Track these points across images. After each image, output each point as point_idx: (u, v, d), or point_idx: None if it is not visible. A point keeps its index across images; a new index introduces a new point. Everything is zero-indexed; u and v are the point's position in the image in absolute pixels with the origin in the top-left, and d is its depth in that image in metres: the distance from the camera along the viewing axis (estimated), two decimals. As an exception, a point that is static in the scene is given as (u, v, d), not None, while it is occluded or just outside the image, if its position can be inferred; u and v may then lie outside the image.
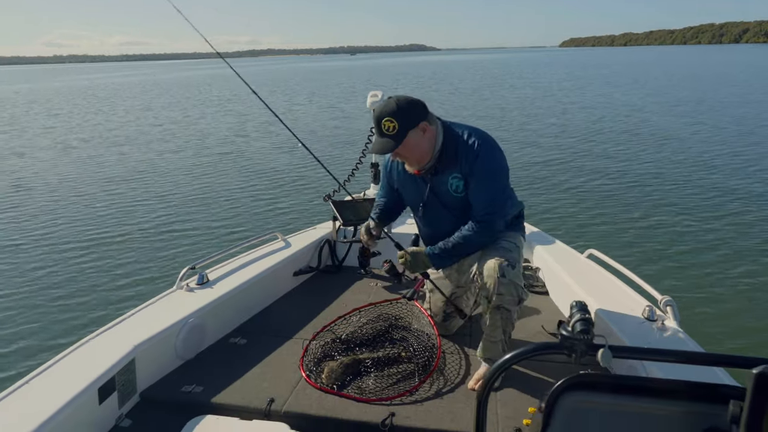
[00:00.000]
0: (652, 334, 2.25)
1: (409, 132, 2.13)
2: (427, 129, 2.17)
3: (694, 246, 6.13)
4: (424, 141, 2.17)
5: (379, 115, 2.14)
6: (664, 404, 1.10)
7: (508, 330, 2.22)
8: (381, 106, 2.17)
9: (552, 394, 1.12)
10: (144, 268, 5.94)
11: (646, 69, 47.25)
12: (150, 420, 2.08)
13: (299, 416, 2.03)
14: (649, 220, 7.08)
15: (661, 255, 5.88)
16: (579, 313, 1.25)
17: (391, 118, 2.12)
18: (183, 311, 2.43)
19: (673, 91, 25.14)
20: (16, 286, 5.64)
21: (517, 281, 2.15)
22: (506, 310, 2.17)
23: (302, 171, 10.81)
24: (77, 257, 6.38)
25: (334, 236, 3.55)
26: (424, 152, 2.20)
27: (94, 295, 5.37)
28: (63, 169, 11.79)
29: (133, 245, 6.73)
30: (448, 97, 24.17)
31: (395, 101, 2.15)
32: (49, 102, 32.54)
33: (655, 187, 8.63)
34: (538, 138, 13.49)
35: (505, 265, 2.13)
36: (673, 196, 8.13)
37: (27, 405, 1.81)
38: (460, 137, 2.21)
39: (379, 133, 2.17)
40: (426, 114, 2.19)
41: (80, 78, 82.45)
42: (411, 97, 2.20)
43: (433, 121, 2.21)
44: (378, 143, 2.17)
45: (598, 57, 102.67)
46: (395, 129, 2.12)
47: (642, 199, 8.05)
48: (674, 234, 6.53)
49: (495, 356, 2.22)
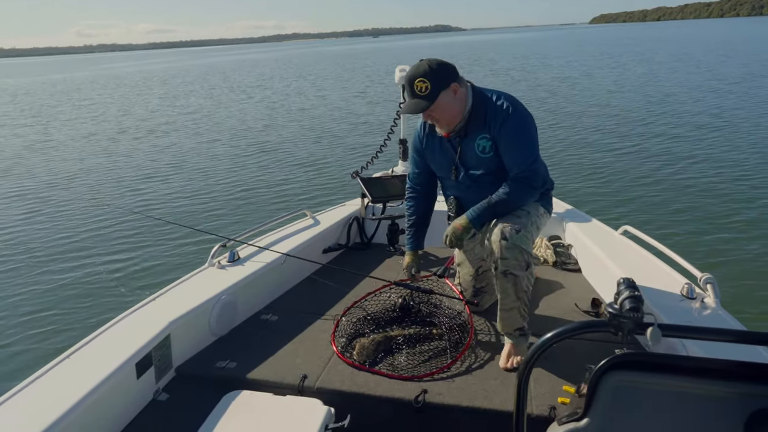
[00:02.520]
0: (692, 313, 2.18)
1: (441, 92, 2.14)
2: (457, 90, 2.18)
3: (734, 222, 5.93)
4: (456, 102, 2.18)
5: (412, 76, 2.15)
6: (712, 384, 1.06)
7: (522, 297, 2.17)
8: (413, 68, 2.18)
9: (596, 372, 1.09)
10: (177, 245, 6.06)
11: (683, 45, 45.73)
12: (186, 394, 2.11)
13: (332, 392, 2.04)
14: (686, 196, 6.88)
15: (699, 232, 5.72)
16: (628, 290, 1.18)
17: (424, 79, 2.12)
18: (216, 288, 2.46)
19: (713, 67, 24.26)
20: (59, 264, 5.82)
21: (523, 245, 2.11)
22: (513, 275, 2.12)
23: (330, 148, 10.89)
24: (114, 237, 6.55)
25: (362, 213, 3.55)
26: (455, 113, 2.20)
27: (129, 273, 5.51)
28: (99, 153, 12.07)
29: (166, 224, 6.87)
30: (483, 81, 23.53)
31: (427, 63, 2.16)
32: (92, 90, 33.31)
33: (692, 163, 8.39)
34: (574, 116, 13.21)
35: (509, 229, 2.10)
36: (712, 171, 7.88)
37: (68, 379, 1.85)
38: (489, 99, 2.22)
39: (411, 94, 2.17)
40: (457, 76, 2.20)
41: (115, 66, 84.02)
42: (441, 60, 2.20)
43: (463, 83, 2.23)
44: (411, 104, 2.18)
45: (632, 32, 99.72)
46: (428, 89, 2.13)
47: (679, 175, 7.83)
48: (712, 210, 6.33)
49: (514, 326, 2.19)
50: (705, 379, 1.06)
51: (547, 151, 9.61)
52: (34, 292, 5.21)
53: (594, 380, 1.09)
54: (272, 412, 1.79)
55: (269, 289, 2.79)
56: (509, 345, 2.21)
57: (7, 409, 1.71)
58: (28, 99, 28.70)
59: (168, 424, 1.96)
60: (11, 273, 5.66)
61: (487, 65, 33.05)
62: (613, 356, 1.09)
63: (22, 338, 4.39)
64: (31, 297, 5.11)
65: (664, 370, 1.08)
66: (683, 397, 1.08)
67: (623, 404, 1.10)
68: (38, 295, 5.16)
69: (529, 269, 2.15)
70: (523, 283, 2.15)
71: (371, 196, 3.34)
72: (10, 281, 5.45)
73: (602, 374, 1.09)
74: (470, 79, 2.30)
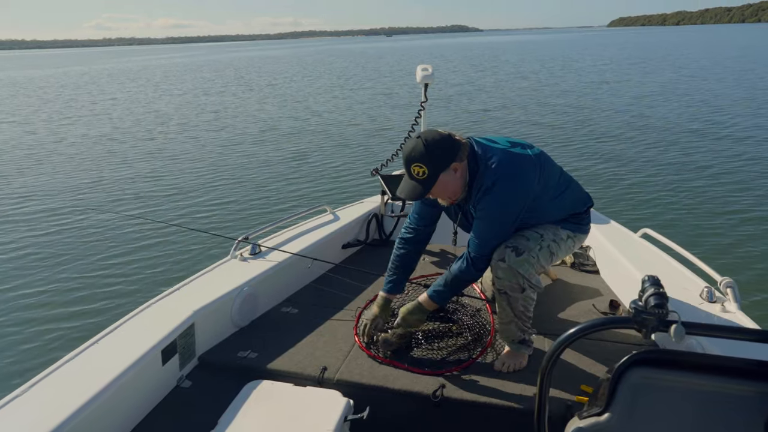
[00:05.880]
0: (712, 316, 2.17)
1: (440, 175, 2.00)
2: (458, 168, 2.03)
3: (756, 228, 5.87)
4: (456, 180, 2.05)
5: (408, 159, 2.00)
6: (733, 383, 1.07)
7: (519, 315, 2.12)
8: (409, 149, 2.01)
9: (619, 368, 1.11)
10: (199, 237, 6.16)
11: (705, 49, 45.16)
12: (208, 382, 2.16)
13: (351, 384, 2.06)
14: (707, 200, 6.83)
15: (719, 236, 5.67)
16: (653, 287, 1.19)
17: (421, 164, 1.97)
18: (238, 280, 2.50)
19: (735, 71, 23.95)
20: (92, 254, 5.96)
21: (520, 270, 2.03)
22: (507, 294, 2.09)
23: (352, 146, 10.97)
24: (141, 228, 6.65)
25: (382, 210, 3.57)
26: (456, 190, 2.08)
27: (155, 263, 5.62)
28: (123, 145, 12.24)
29: (189, 217, 7.04)
30: (500, 83, 23.65)
31: (423, 143, 1.98)
32: (120, 82, 33.72)
33: (713, 167, 8.32)
34: (595, 120, 13.12)
35: (509, 251, 2.05)
36: (732, 175, 7.82)
37: (97, 363, 1.90)
38: (480, 168, 2.05)
39: (408, 176, 2.04)
40: (457, 152, 2.01)
41: (138, 59, 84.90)
42: (440, 134, 2.01)
43: (464, 156, 2.04)
44: (408, 187, 2.04)
45: (653, 37, 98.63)
46: (425, 174, 1.98)
47: (699, 178, 7.77)
48: (734, 215, 6.28)
49: (511, 337, 2.17)
50: (725, 377, 1.07)
51: (570, 154, 9.58)
52: (68, 279, 5.35)
53: (616, 376, 1.11)
54: (292, 402, 1.82)
55: (290, 282, 2.83)
56: (507, 350, 2.20)
57: (38, 392, 1.76)
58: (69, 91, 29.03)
59: (190, 410, 2.00)
60: (47, 260, 5.82)
61: (506, 67, 32.85)
62: (635, 352, 1.10)
63: (54, 323, 4.52)
64: (65, 283, 5.26)
65: (685, 367, 1.10)
66: (703, 395, 1.09)
67: (644, 400, 1.11)
68: (71, 281, 5.30)
69: (524, 293, 2.09)
70: (519, 304, 2.10)
71: (391, 193, 3.37)
72: (46, 268, 5.60)
73: (624, 370, 1.11)
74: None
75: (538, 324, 2.38)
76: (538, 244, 2.12)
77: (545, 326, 2.44)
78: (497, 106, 15.98)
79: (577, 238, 2.30)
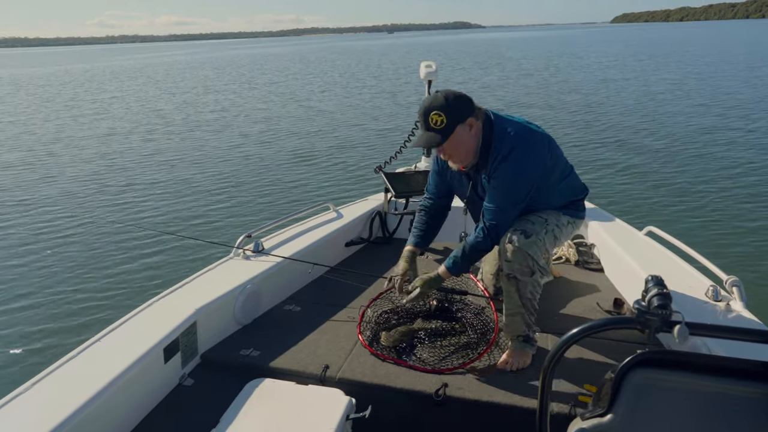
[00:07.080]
0: (717, 315, 2.16)
1: (457, 126, 2.05)
2: (473, 125, 2.09)
3: (762, 225, 5.84)
4: (471, 138, 2.09)
5: (427, 108, 2.06)
6: (736, 384, 1.06)
7: (526, 304, 2.12)
8: (428, 100, 2.09)
9: (621, 369, 1.10)
10: (202, 235, 6.16)
11: (711, 45, 44.97)
12: (210, 380, 2.15)
13: (353, 383, 2.06)
14: (712, 198, 6.81)
15: (725, 235, 5.65)
16: (656, 287, 1.18)
17: (440, 112, 2.03)
18: (240, 278, 2.49)
19: (743, 68, 23.83)
20: (90, 252, 5.98)
21: (529, 251, 2.06)
22: (516, 279, 2.10)
23: (355, 143, 10.96)
24: (142, 226, 6.69)
25: (385, 208, 3.56)
26: (470, 150, 2.12)
27: (157, 261, 5.63)
28: (124, 144, 12.25)
29: (192, 214, 7.04)
30: (504, 81, 23.49)
31: (443, 95, 2.06)
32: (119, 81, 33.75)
33: (719, 165, 8.29)
34: (601, 117, 13.10)
35: (518, 233, 2.08)
36: (739, 173, 7.79)
37: (99, 361, 1.90)
38: (496, 137, 2.10)
39: (425, 126, 2.08)
40: (473, 109, 2.10)
41: (141, 57, 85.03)
42: (458, 92, 2.11)
43: (480, 117, 2.12)
44: (424, 137, 2.09)
45: (657, 33, 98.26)
46: (443, 123, 2.04)
47: (706, 176, 7.75)
48: (739, 214, 6.25)
49: (516, 332, 2.16)
50: (729, 378, 1.06)
51: (575, 150, 9.58)
52: (70, 278, 5.36)
53: (619, 377, 1.10)
54: (294, 400, 1.81)
55: (292, 280, 2.82)
56: (510, 350, 2.18)
57: (40, 390, 1.75)
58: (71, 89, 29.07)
59: (192, 408, 2.00)
60: (48, 260, 5.84)
61: (509, 64, 32.75)
62: (638, 353, 1.09)
63: (56, 322, 4.53)
64: (67, 282, 5.27)
65: (688, 368, 1.09)
66: (708, 396, 1.08)
67: (647, 401, 1.10)
68: (72, 280, 5.32)
69: (533, 276, 2.10)
70: (527, 290, 2.11)
71: (394, 191, 3.36)
72: (47, 268, 5.62)
73: (627, 371, 1.10)
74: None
75: (542, 322, 2.37)
76: (544, 227, 2.17)
77: (549, 324, 2.42)
78: (502, 103, 15.95)
79: (575, 224, 2.38)
